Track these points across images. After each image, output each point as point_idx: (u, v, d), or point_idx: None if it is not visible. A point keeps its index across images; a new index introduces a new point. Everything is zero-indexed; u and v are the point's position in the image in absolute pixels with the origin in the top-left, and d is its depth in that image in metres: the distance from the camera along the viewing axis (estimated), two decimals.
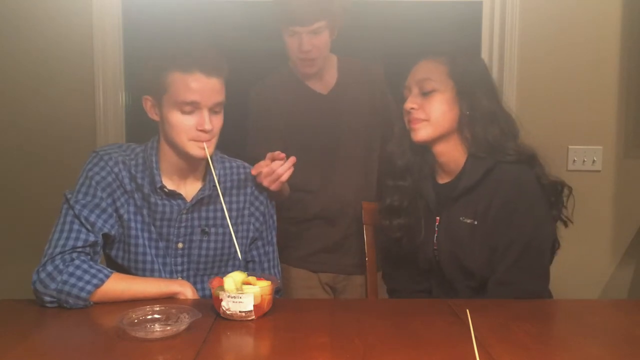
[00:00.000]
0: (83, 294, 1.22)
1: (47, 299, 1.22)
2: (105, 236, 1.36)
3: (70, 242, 1.28)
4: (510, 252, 1.32)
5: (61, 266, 1.24)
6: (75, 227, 1.30)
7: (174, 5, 2.30)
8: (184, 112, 1.32)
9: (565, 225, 1.42)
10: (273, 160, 1.45)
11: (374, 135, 1.84)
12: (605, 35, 2.25)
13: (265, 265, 1.53)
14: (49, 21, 2.19)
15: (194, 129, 1.33)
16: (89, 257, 1.30)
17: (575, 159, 2.27)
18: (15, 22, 2.20)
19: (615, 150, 2.29)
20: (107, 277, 1.25)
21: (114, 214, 1.36)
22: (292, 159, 1.45)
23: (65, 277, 1.23)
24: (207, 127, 1.32)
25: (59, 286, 1.22)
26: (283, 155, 1.44)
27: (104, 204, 1.35)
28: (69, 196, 1.34)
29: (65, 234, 1.29)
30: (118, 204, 1.37)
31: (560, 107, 2.25)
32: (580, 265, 2.21)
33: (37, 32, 2.20)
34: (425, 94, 1.39)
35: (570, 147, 2.27)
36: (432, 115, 1.38)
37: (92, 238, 1.30)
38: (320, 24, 1.62)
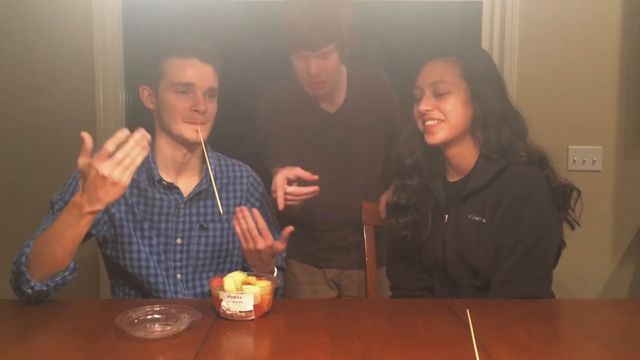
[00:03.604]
0: (21, 268, 1.21)
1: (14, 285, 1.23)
2: (102, 238, 1.38)
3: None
4: (516, 251, 1.32)
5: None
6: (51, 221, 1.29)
7: (174, 5, 2.30)
8: (179, 95, 1.37)
9: (572, 227, 1.42)
10: (297, 177, 1.45)
11: (379, 149, 1.85)
12: (605, 35, 2.25)
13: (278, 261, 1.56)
14: (49, 21, 2.19)
15: (189, 109, 1.37)
16: None
17: (575, 159, 2.27)
18: (15, 22, 2.19)
19: (615, 150, 2.29)
20: (33, 240, 1.23)
21: (104, 216, 1.36)
22: (316, 189, 1.46)
23: (15, 258, 1.24)
24: (201, 107, 1.37)
25: (13, 268, 1.23)
26: (316, 178, 1.46)
27: None
28: (55, 197, 1.36)
29: (39, 231, 1.29)
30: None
31: (560, 107, 2.25)
32: (580, 265, 2.21)
33: (37, 31, 2.20)
34: (439, 96, 1.38)
35: (570, 147, 2.27)
36: (448, 116, 1.38)
37: None
38: (328, 48, 1.59)
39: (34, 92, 2.22)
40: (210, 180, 1.39)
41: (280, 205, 1.45)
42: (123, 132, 1.10)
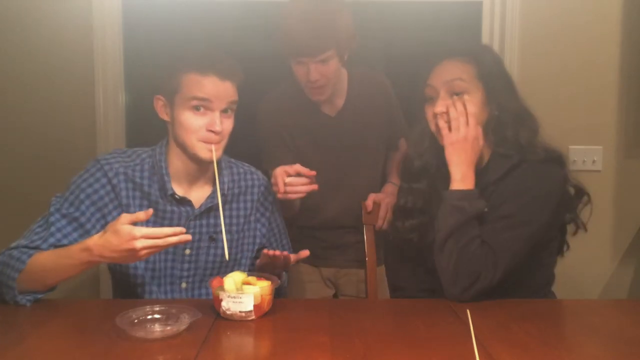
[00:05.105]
0: (10, 282, 1.20)
1: None
2: None
3: (36, 242, 1.27)
4: (499, 218, 1.30)
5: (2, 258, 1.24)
6: (43, 231, 1.29)
7: (174, 5, 2.30)
8: (195, 112, 1.33)
9: (575, 232, 1.42)
10: (297, 173, 1.45)
11: (378, 150, 1.85)
12: (605, 35, 2.25)
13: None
14: (49, 21, 2.19)
15: (204, 129, 1.34)
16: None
17: (575, 159, 2.27)
18: (15, 23, 2.19)
19: (615, 150, 2.29)
20: (30, 257, 1.22)
21: (96, 228, 1.33)
22: (315, 186, 1.46)
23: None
24: (217, 128, 1.33)
25: None
26: (314, 174, 1.45)
27: (82, 219, 1.32)
28: (54, 202, 1.34)
29: (33, 235, 1.29)
30: (109, 217, 1.34)
31: (560, 107, 2.25)
32: (581, 265, 2.20)
33: (37, 32, 2.20)
34: (454, 96, 1.36)
35: (570, 147, 2.26)
36: None
37: (51, 247, 1.27)
38: (327, 54, 1.58)
39: (34, 92, 2.22)
40: (218, 196, 1.36)
41: (281, 189, 1.44)
42: (173, 230, 1.15)
